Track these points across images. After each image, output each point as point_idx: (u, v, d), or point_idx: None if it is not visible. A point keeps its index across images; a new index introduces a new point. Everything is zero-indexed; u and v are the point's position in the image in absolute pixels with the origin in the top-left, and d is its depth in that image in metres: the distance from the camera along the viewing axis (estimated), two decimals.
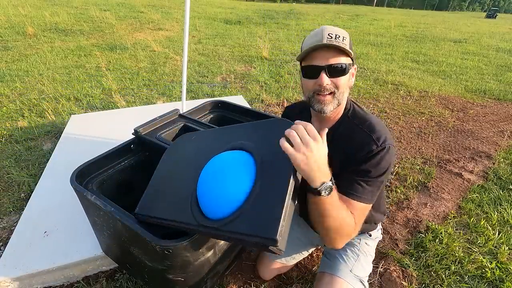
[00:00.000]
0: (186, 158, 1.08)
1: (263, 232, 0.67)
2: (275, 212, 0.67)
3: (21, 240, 1.44)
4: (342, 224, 0.82)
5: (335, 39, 0.83)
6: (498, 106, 4.10)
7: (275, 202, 0.69)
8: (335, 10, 18.19)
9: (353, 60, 0.91)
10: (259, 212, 0.71)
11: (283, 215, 0.67)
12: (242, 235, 0.71)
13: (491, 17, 24.38)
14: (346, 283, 1.07)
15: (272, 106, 3.56)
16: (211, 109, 1.82)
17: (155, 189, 1.07)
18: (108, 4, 10.64)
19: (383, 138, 0.89)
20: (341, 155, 0.93)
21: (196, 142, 1.12)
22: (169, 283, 1.09)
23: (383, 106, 3.79)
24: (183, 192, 0.93)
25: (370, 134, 0.90)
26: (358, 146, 0.90)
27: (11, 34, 5.95)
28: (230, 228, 0.74)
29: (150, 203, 1.02)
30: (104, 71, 4.29)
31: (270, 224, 0.66)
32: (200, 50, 5.96)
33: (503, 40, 9.83)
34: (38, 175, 2.02)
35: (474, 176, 2.46)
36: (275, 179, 0.74)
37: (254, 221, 0.70)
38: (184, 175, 1.01)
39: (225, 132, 1.04)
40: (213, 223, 0.78)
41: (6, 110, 3.04)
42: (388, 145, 0.88)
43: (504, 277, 1.57)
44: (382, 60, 6.09)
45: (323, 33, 0.84)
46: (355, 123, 0.95)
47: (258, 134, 0.88)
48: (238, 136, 0.94)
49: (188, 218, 0.85)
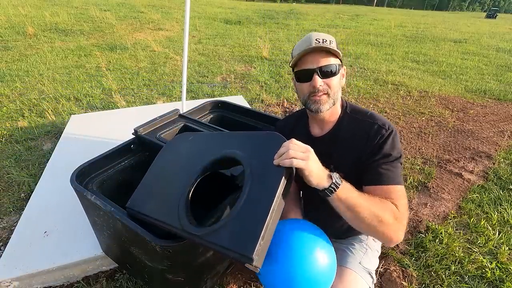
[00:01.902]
0: (180, 160, 1.08)
1: (241, 248, 0.68)
2: (255, 230, 0.68)
3: (21, 240, 1.44)
4: (378, 210, 0.79)
5: (322, 43, 0.88)
6: (498, 106, 4.10)
7: (257, 219, 0.70)
8: (335, 10, 18.19)
9: (341, 61, 0.96)
10: (241, 227, 0.72)
11: (262, 234, 0.67)
12: (222, 248, 0.72)
13: (491, 17, 24.39)
14: (355, 274, 1.07)
15: (272, 106, 3.56)
16: (211, 109, 1.82)
17: (147, 186, 1.08)
18: (108, 4, 10.64)
19: (387, 123, 0.93)
20: (352, 152, 0.95)
21: (192, 144, 1.12)
22: (169, 283, 1.09)
23: (383, 106, 3.79)
24: (173, 194, 0.94)
25: (375, 122, 0.94)
26: (367, 136, 0.93)
27: (11, 34, 5.95)
28: (211, 239, 0.75)
29: (141, 200, 1.03)
30: (104, 71, 4.29)
31: (249, 242, 0.67)
32: (200, 50, 5.96)
33: (503, 40, 9.83)
34: (38, 175, 2.02)
35: (474, 176, 2.46)
36: (261, 195, 0.74)
37: (234, 236, 0.71)
38: (176, 177, 1.01)
39: (219, 138, 1.06)
40: (196, 231, 0.79)
41: (6, 110, 3.05)
42: (393, 129, 0.93)
43: (504, 277, 1.57)
44: (382, 60, 6.09)
45: (311, 39, 0.90)
46: (356, 117, 0.99)
47: (251, 146, 0.89)
48: (232, 144, 0.95)
49: (174, 221, 0.86)
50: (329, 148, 1.00)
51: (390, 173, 0.88)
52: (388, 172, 0.88)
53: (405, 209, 0.86)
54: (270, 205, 0.71)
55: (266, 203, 0.72)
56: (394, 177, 0.88)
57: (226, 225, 0.74)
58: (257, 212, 0.71)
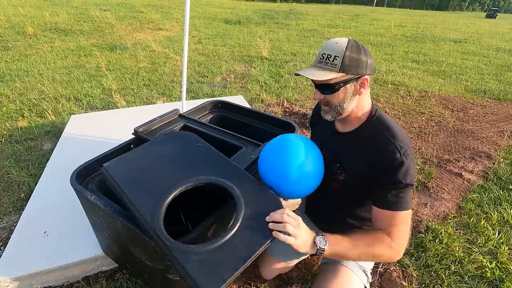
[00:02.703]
0: (179, 158, 1.06)
1: (203, 284, 0.69)
2: (224, 274, 0.71)
3: (21, 240, 1.44)
4: (369, 250, 0.88)
5: (325, 60, 0.89)
6: (498, 106, 4.10)
7: (230, 266, 0.73)
8: (335, 10, 18.19)
9: (355, 72, 0.90)
10: (212, 264, 0.74)
11: (229, 280, 0.71)
12: (183, 271, 0.72)
13: (491, 17, 24.37)
14: (350, 271, 1.10)
15: (272, 106, 3.56)
16: (211, 109, 1.81)
17: (132, 161, 1.05)
18: (108, 4, 10.63)
19: (405, 146, 0.90)
20: (366, 156, 0.95)
21: (197, 151, 1.11)
22: (169, 283, 1.09)
23: (383, 106, 3.79)
24: (157, 187, 0.92)
25: (394, 141, 0.91)
26: (381, 152, 0.91)
27: (11, 34, 5.95)
28: (178, 256, 0.74)
29: (121, 170, 1.00)
30: (104, 71, 4.29)
31: (217, 281, 0.70)
32: (200, 50, 5.96)
33: (503, 40, 9.84)
34: (38, 175, 2.02)
35: (474, 176, 2.46)
36: (244, 244, 0.79)
37: (201, 268, 0.72)
38: (168, 172, 0.99)
39: (224, 164, 1.05)
40: (166, 239, 0.78)
41: (6, 110, 3.04)
42: (410, 153, 0.90)
43: (504, 277, 1.57)
44: (382, 60, 6.09)
45: (320, 52, 0.91)
46: (379, 129, 0.96)
47: (250, 190, 0.93)
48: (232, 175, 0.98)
49: (147, 215, 0.84)
50: (344, 147, 1.02)
51: (398, 199, 0.88)
52: (396, 198, 0.89)
53: (405, 234, 0.91)
54: (247, 259, 0.75)
55: (245, 254, 0.76)
56: (402, 203, 0.89)
57: (198, 253, 0.75)
58: (233, 259, 0.75)
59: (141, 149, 1.10)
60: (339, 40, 0.89)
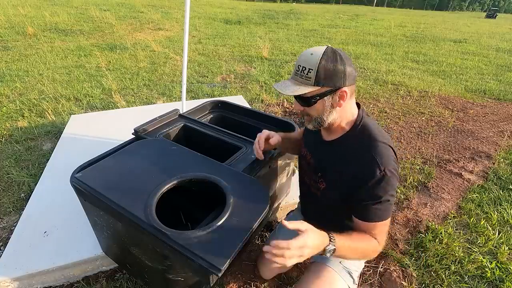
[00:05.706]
0: (152, 164, 1.09)
1: (212, 259, 0.75)
2: (229, 248, 0.79)
3: (21, 240, 1.44)
4: (364, 251, 0.92)
5: (300, 73, 0.86)
6: (498, 106, 4.10)
7: (232, 242, 0.81)
8: (335, 10, 18.19)
9: (332, 85, 0.85)
10: (214, 243, 0.81)
11: (233, 255, 0.77)
12: (192, 253, 0.77)
13: (491, 17, 24.37)
14: (334, 272, 1.11)
15: (272, 106, 3.56)
16: (211, 109, 1.82)
17: (106, 169, 1.06)
18: (108, 4, 10.64)
19: (386, 163, 0.87)
20: (347, 168, 0.93)
21: (173, 153, 1.16)
22: (169, 283, 1.09)
23: (383, 106, 3.79)
24: (141, 191, 0.95)
25: (375, 157, 0.87)
26: (362, 167, 0.89)
27: (11, 34, 5.95)
28: (182, 243, 0.79)
29: (98, 179, 1.00)
30: (104, 71, 4.29)
31: (221, 257, 0.76)
32: (200, 50, 5.96)
33: (503, 40, 9.84)
34: (38, 175, 2.02)
35: (474, 176, 2.46)
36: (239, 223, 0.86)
37: (205, 248, 0.79)
38: (150, 175, 1.03)
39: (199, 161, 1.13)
40: (166, 230, 0.82)
41: (6, 110, 3.04)
42: (391, 168, 0.87)
43: (504, 277, 1.57)
44: (382, 60, 6.09)
45: (296, 63, 0.88)
46: (362, 140, 0.93)
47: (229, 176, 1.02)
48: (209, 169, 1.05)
49: (139, 213, 0.87)
50: (328, 156, 1.01)
51: (377, 211, 0.89)
52: (376, 210, 0.89)
53: (384, 239, 0.95)
54: (247, 233, 0.84)
55: (243, 230, 0.84)
56: (382, 215, 0.89)
57: (199, 236, 0.81)
58: (232, 236, 0.82)
59: (112, 158, 1.12)
60: (314, 50, 0.84)
